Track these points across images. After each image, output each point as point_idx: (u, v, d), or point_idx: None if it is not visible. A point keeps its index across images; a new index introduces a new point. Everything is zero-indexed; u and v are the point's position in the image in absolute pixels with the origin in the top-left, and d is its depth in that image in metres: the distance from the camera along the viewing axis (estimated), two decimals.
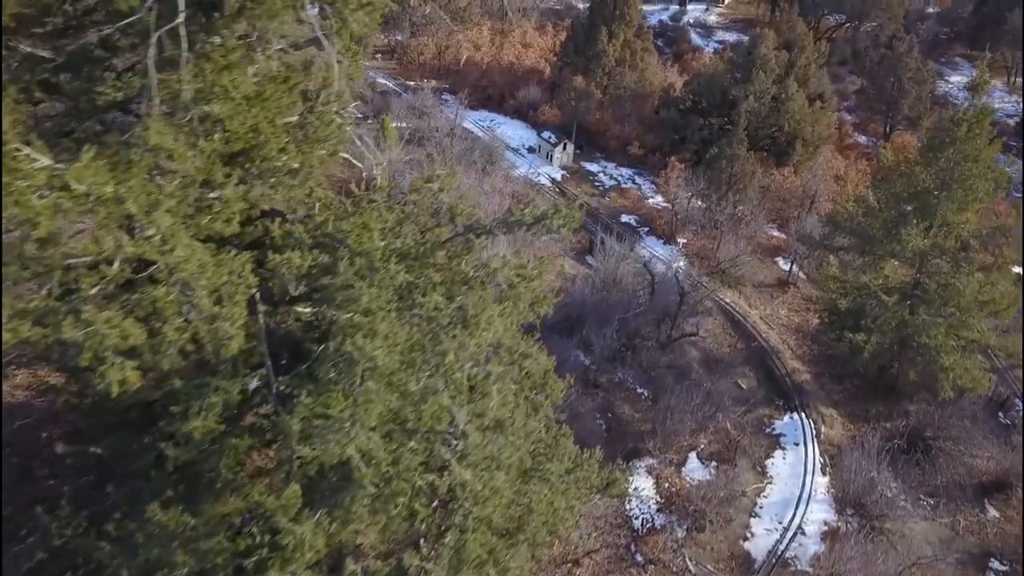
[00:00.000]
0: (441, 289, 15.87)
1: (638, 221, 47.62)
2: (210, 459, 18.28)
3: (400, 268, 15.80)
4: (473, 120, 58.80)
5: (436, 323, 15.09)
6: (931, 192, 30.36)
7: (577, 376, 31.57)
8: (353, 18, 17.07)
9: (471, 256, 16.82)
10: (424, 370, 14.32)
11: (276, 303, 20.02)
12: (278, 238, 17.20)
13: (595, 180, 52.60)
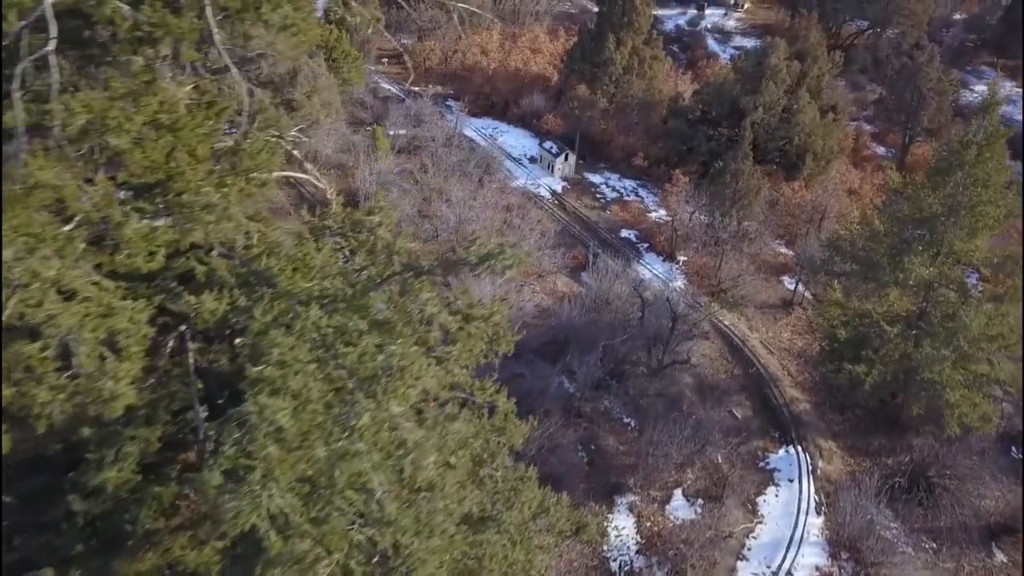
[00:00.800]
0: (370, 337, 14.53)
1: (638, 236, 45.97)
2: (129, 510, 17.07)
3: (324, 314, 14.47)
4: (475, 128, 57.46)
5: (358, 377, 13.76)
6: (938, 218, 28.49)
7: (560, 404, 30.27)
8: (279, 40, 15.82)
9: (409, 299, 15.46)
10: (335, 434, 12.99)
11: (211, 339, 18.80)
12: (200, 276, 15.97)
13: (597, 192, 51.02)
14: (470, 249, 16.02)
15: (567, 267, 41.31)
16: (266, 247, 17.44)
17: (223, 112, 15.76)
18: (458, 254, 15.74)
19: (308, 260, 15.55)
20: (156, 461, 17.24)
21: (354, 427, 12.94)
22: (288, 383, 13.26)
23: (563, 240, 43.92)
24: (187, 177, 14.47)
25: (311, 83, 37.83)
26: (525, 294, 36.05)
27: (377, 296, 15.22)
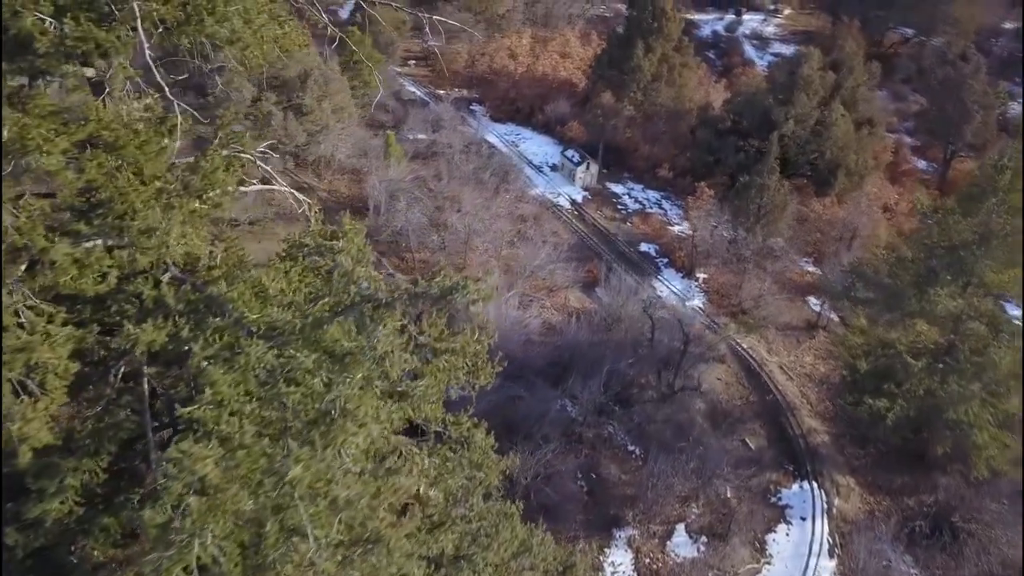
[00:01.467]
0: (320, 375, 13.46)
1: (658, 251, 44.42)
2: (76, 542, 16.24)
3: (271, 348, 13.43)
4: (498, 134, 56.38)
5: (298, 421, 12.70)
6: (969, 246, 26.61)
7: (560, 429, 28.99)
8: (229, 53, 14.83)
9: (366, 334, 14.35)
10: (266, 485, 11.93)
11: (169, 363, 17.89)
12: (149, 302, 15.04)
13: (618, 203, 49.54)
14: (433, 281, 14.91)
15: (580, 281, 39.93)
16: (227, 270, 16.47)
17: (175, 129, 14.80)
18: (420, 286, 14.64)
19: (267, 286, 14.55)
20: (106, 491, 16.37)
21: (286, 479, 11.87)
22: (221, 426, 12.26)
23: (578, 253, 42.58)
24: (130, 198, 13.53)
25: (322, 87, 37.13)
26: (532, 310, 34.80)
27: (334, 329, 14.16)
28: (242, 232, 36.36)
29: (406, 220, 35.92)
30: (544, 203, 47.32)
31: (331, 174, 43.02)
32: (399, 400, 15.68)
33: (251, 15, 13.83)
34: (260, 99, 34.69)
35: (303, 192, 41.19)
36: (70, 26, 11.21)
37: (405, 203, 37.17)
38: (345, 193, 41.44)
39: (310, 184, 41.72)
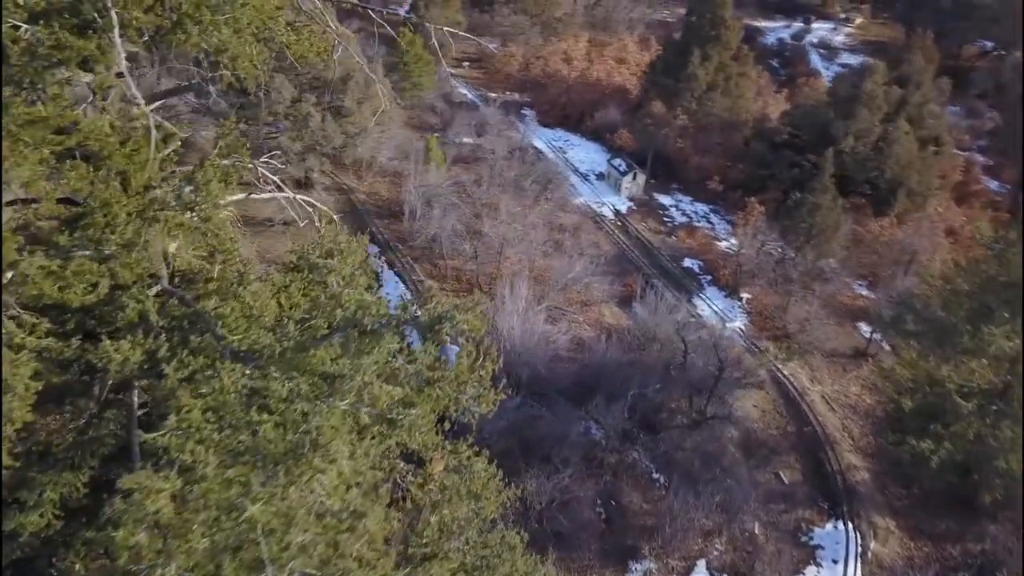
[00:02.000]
0: (297, 405, 12.82)
1: (702, 267, 42.93)
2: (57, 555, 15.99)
3: (245, 373, 12.86)
4: (546, 139, 55.49)
5: (264, 454, 12.08)
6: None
7: (581, 452, 28.00)
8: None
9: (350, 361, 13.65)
10: (223, 523, 11.33)
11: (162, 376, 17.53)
12: (132, 316, 14.62)
13: (665, 215, 48.14)
14: (423, 307, 14.15)
15: (617, 296, 38.76)
16: (221, 284, 15.99)
17: (171, 139, 14.35)
18: (408, 313, 13.89)
19: (251, 304, 14.00)
20: (89, 505, 16.04)
21: (243, 517, 11.26)
22: (184, 455, 11.72)
23: (618, 266, 41.40)
24: (113, 210, 13.11)
25: (363, 90, 36.81)
26: (562, 325, 33.82)
27: (316, 356, 13.51)
28: (275, 233, 36.33)
29: (439, 227, 35.30)
30: (587, 213, 46.26)
31: (372, 176, 42.74)
32: (389, 428, 15.00)
33: (241, 24, 13.23)
34: (300, 100, 34.50)
35: (343, 194, 41.17)
36: (43, 34, 10.78)
37: (440, 209, 36.57)
38: (384, 196, 41.10)
39: (349, 186, 41.54)
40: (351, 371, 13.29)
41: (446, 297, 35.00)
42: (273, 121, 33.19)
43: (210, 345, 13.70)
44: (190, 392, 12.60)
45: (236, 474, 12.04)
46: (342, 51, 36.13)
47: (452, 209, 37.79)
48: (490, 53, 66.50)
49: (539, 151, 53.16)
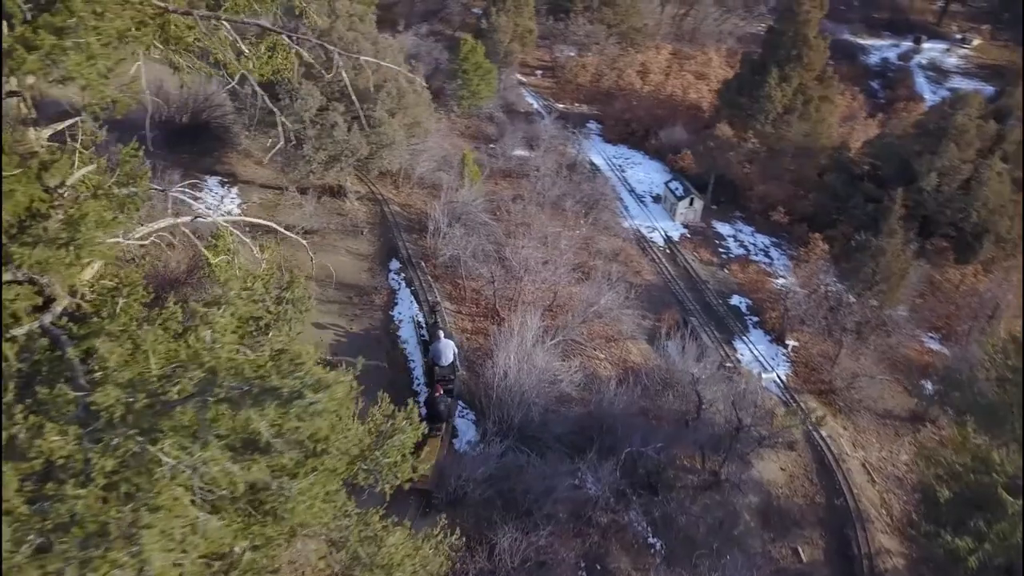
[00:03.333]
0: (124, 480, 11.41)
1: (750, 306, 39.70)
2: None
3: (79, 437, 11.55)
4: (606, 156, 53.11)
5: (73, 535, 10.73)
6: None
7: (569, 508, 25.89)
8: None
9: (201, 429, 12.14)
10: None
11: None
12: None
13: (720, 245, 45.01)
14: (294, 373, 12.50)
15: (649, 332, 36.17)
16: (118, 323, 14.81)
17: (56, 166, 13.23)
18: (271, 382, 12.26)
19: (106, 355, 12.72)
20: None
21: None
22: None
23: (657, 298, 38.76)
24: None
25: (395, 100, 35.58)
26: (575, 360, 31.60)
27: (163, 423, 12.07)
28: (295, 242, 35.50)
29: (463, 245, 33.72)
30: (633, 237, 43.71)
31: (410, 187, 41.59)
32: (256, 510, 13.46)
33: (93, 51, 11.89)
34: (327, 108, 33.57)
35: (376, 204, 40.07)
36: None
37: (464, 227, 34.97)
38: (419, 208, 39.80)
39: (384, 196, 40.48)
40: (195, 442, 11.81)
41: (462, 322, 33.44)
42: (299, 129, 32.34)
43: (61, 398, 12.41)
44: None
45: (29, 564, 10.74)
46: (380, 60, 34.76)
47: (480, 227, 36.13)
48: (562, 63, 64.51)
49: (596, 168, 50.88)
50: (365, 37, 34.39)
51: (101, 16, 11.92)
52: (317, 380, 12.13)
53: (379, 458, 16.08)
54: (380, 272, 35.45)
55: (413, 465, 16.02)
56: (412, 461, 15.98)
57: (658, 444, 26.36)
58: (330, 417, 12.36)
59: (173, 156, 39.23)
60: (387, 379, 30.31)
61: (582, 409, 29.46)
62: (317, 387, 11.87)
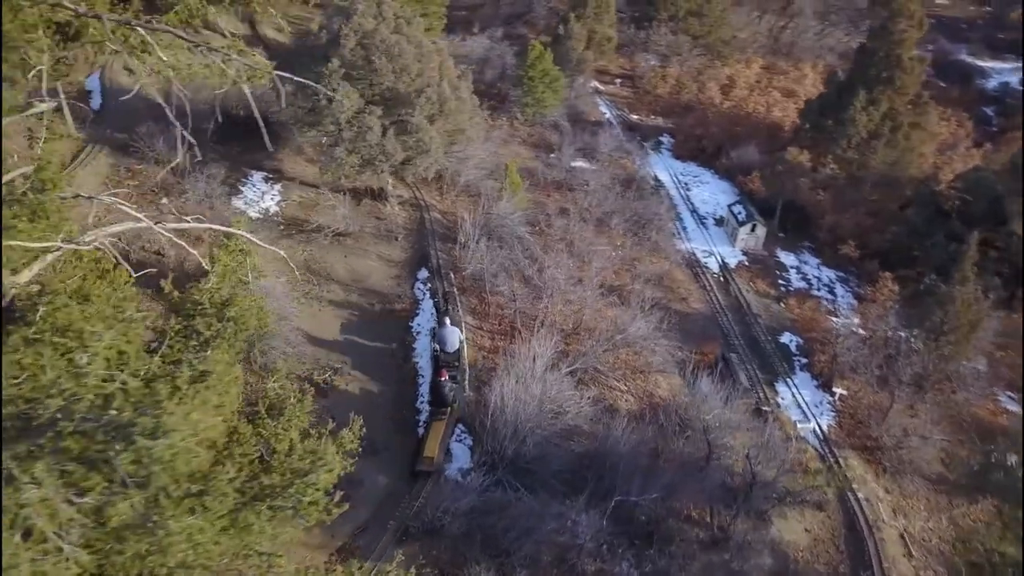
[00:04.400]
0: None
1: (800, 346, 36.81)
2: None
3: None
4: (673, 172, 50.78)
5: None
6: None
7: (554, 553, 24.37)
8: None
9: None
10: None
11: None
12: None
13: (781, 276, 42.07)
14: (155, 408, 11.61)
15: (684, 365, 33.95)
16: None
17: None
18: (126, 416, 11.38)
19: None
20: None
21: None
22: None
23: (700, 329, 36.47)
24: None
25: (435, 106, 34.69)
26: (591, 390, 29.86)
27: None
28: (326, 243, 35.19)
29: (487, 261, 32.57)
30: (687, 261, 41.42)
31: (455, 193, 40.72)
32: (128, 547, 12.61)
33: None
34: (365, 111, 33.02)
35: (417, 210, 39.32)
36: None
37: (496, 241, 33.82)
38: (460, 216, 38.78)
39: (427, 202, 39.74)
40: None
41: (481, 339, 32.26)
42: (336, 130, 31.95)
43: None
44: None
45: None
46: (438, 63, 33.82)
47: (515, 241, 34.86)
48: (642, 73, 62.30)
49: (660, 184, 48.71)
50: (409, 40, 33.64)
51: None
52: (161, 423, 11.27)
53: (294, 495, 15.09)
54: (407, 280, 34.68)
55: (328, 507, 14.96)
56: (326, 503, 14.90)
57: (659, 492, 24.42)
58: (184, 457, 11.43)
59: (225, 149, 39.65)
60: (393, 394, 29.50)
61: (590, 444, 27.76)
62: (161, 429, 11.01)
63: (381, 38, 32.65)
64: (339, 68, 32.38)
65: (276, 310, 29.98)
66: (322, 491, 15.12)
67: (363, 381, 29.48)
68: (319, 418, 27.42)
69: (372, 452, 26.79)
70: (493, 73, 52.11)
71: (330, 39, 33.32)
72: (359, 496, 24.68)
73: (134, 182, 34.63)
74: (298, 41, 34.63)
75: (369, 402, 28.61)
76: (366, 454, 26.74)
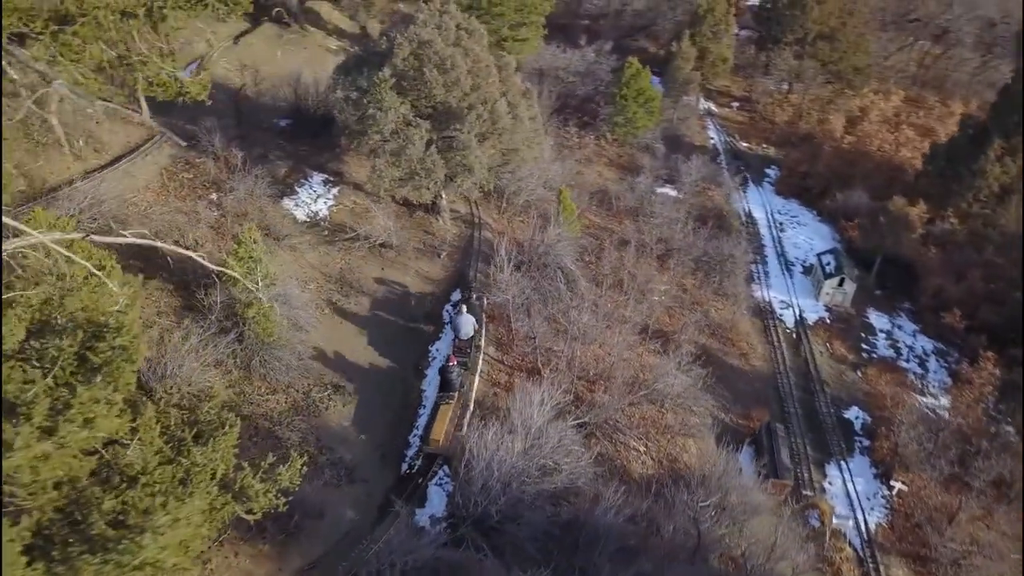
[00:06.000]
0: None
1: (865, 426, 32.41)
2: None
3: None
4: (771, 209, 46.73)
5: None
6: None
7: None
8: None
9: None
10: None
11: None
12: None
13: (866, 340, 37.43)
14: None
15: (725, 430, 30.69)
16: None
17: None
18: None
19: None
20: None
21: None
22: None
23: (752, 391, 32.91)
24: None
25: (488, 124, 33.04)
26: (596, 447, 27.30)
27: None
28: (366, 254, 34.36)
29: (516, 291, 30.71)
30: (759, 310, 37.70)
31: (512, 212, 39.03)
32: None
33: None
34: (411, 123, 31.92)
35: (469, 227, 37.84)
36: None
37: (531, 269, 31.87)
38: (513, 237, 37.06)
39: (482, 219, 38.25)
40: None
41: (498, 374, 30.40)
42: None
43: None
44: None
45: None
46: (496, 76, 32.43)
47: (555, 271, 32.75)
48: (759, 97, 57.97)
49: (751, 222, 44.91)
50: (467, 53, 32.16)
51: None
52: None
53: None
54: (439, 300, 33.28)
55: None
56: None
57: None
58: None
59: (293, 147, 39.85)
60: (389, 422, 28.09)
61: (582, 507, 25.27)
62: None
63: (435, 50, 31.39)
64: (390, 78, 31.42)
65: (291, 318, 29.54)
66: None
67: (363, 404, 28.27)
68: (303, 438, 26.77)
69: (349, 481, 25.64)
70: (586, 88, 49.87)
71: (389, 47, 32.45)
72: (318, 529, 23.55)
73: (189, 175, 35.14)
74: (365, 46, 34.04)
75: (362, 428, 27.42)
76: (341, 483, 25.80)
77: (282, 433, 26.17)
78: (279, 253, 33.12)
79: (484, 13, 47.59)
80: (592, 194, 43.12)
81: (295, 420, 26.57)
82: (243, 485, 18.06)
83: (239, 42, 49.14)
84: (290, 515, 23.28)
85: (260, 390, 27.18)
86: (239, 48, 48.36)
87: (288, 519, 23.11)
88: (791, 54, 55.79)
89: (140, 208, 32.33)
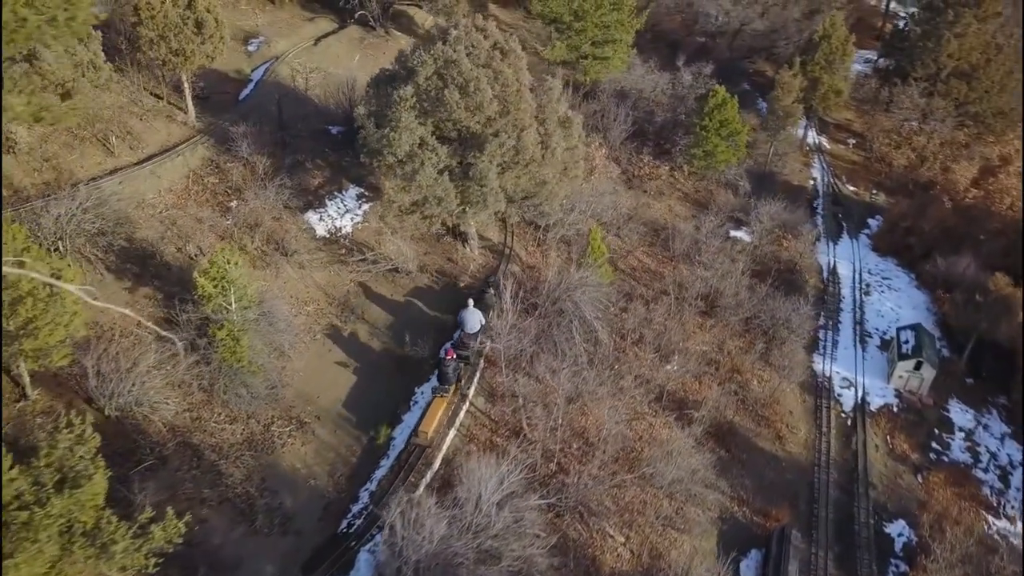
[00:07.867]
0: None
1: (908, 546, 27.15)
2: None
3: None
4: (862, 267, 41.15)
5: None
6: None
7: None
8: None
9: None
10: None
11: None
12: None
13: (938, 440, 31.71)
14: None
15: (728, 525, 26.60)
16: None
17: None
18: None
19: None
20: None
21: None
22: None
23: (779, 485, 28.47)
24: None
25: (511, 154, 30.15)
26: (560, 532, 24.05)
27: None
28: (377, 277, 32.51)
29: (508, 339, 27.93)
30: (813, 386, 32.86)
31: (551, 245, 36.09)
32: None
33: None
34: (427, 146, 29.76)
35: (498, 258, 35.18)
36: None
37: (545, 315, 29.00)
38: (541, 275, 34.14)
39: (512, 250, 35.55)
40: None
41: (480, 431, 27.72)
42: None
43: None
44: None
45: None
46: (530, 101, 30.09)
47: (572, 321, 29.68)
48: (876, 136, 51.57)
49: (834, 280, 39.69)
50: (496, 75, 29.46)
51: None
52: None
53: None
54: (439, 337, 30.89)
55: None
56: None
57: None
58: None
59: (337, 156, 38.68)
60: (348, 469, 26.04)
61: None
62: None
63: (460, 70, 28.97)
64: (411, 96, 29.35)
65: (273, 343, 28.10)
66: None
67: (324, 446, 26.46)
68: (247, 476, 25.13)
69: (281, 532, 23.91)
70: (666, 114, 45.91)
71: (417, 63, 30.38)
72: None
73: (215, 179, 34.55)
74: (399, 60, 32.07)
75: (314, 473, 25.59)
76: (272, 532, 23.96)
77: (225, 468, 24.74)
78: (285, 269, 31.91)
79: (566, 28, 44.74)
80: (652, 231, 39.36)
81: (244, 455, 25.10)
82: (106, 541, 16.78)
83: (319, 43, 48.70)
84: (194, 567, 21.83)
85: (219, 417, 25.93)
86: (318, 49, 47.86)
87: (192, 572, 21.63)
88: (917, 91, 49.12)
89: (156, 210, 32.01)
